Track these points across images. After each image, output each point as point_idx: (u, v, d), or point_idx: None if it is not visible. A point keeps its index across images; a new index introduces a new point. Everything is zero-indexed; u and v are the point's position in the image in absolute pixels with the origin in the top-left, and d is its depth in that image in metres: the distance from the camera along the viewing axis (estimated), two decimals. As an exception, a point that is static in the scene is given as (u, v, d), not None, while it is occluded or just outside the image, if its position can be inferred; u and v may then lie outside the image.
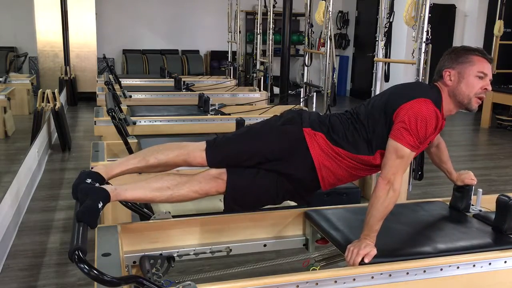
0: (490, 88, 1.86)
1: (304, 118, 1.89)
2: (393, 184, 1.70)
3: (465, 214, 2.11)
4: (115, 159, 2.87)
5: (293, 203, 2.27)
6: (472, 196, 2.16)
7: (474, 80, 1.84)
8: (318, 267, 1.85)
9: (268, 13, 6.60)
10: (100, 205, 1.61)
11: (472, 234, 1.92)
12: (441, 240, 1.84)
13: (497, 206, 1.92)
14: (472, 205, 2.15)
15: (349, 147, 1.83)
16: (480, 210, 2.13)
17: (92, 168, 1.99)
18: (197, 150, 1.89)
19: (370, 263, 1.63)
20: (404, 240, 1.86)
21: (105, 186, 1.73)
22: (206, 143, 1.91)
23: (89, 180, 1.78)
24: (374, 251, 1.65)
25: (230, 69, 7.96)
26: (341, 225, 1.94)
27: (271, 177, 1.85)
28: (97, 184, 1.73)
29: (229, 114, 4.29)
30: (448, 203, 2.22)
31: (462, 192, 2.15)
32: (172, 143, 1.99)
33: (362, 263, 1.63)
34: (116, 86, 5.10)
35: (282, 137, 1.86)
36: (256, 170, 1.86)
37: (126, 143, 2.97)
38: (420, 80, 3.58)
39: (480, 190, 2.18)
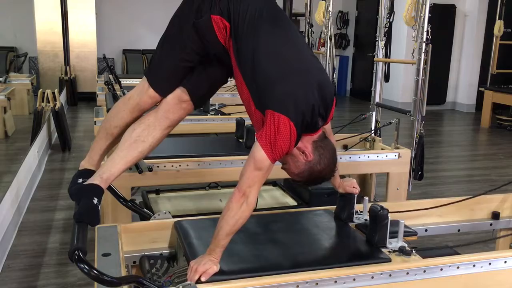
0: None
1: (214, 1, 1.71)
2: (248, 197, 1.56)
3: (347, 224, 1.95)
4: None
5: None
6: (361, 204, 2.03)
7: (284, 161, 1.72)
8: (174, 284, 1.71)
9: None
10: (95, 201, 1.60)
11: (342, 246, 1.81)
12: (303, 254, 1.71)
13: (369, 216, 1.77)
14: (361, 213, 2.00)
15: (235, 53, 1.71)
16: (366, 220, 1.95)
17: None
18: (144, 94, 1.84)
19: (208, 281, 1.48)
20: (263, 253, 1.69)
21: (92, 179, 1.71)
22: (147, 79, 1.84)
23: (80, 180, 1.78)
24: (214, 269, 1.50)
25: (230, 69, 7.95)
26: (199, 238, 1.76)
27: (216, 65, 1.83)
28: (88, 181, 1.72)
29: (229, 114, 4.29)
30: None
31: (344, 201, 1.97)
32: (118, 102, 1.95)
33: (199, 281, 1.48)
34: (116, 86, 5.08)
35: (199, 36, 1.75)
36: (202, 68, 1.83)
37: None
38: (420, 80, 3.58)
39: (366, 198, 2.02)
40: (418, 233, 1.99)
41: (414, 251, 1.71)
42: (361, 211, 2.02)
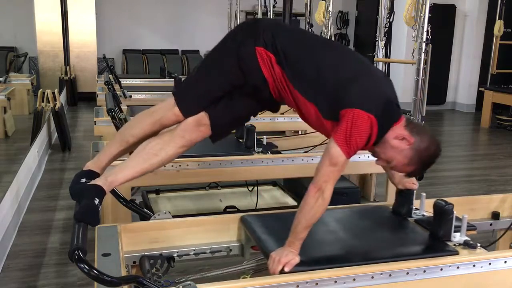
0: (377, 164, 1.81)
1: (258, 34, 1.79)
2: (323, 192, 1.63)
3: (406, 219, 2.02)
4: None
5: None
6: (417, 200, 2.08)
7: (387, 159, 1.75)
8: (249, 275, 1.79)
9: (268, 13, 6.60)
10: (96, 202, 1.60)
11: (407, 240, 1.86)
12: (373, 247, 1.78)
13: (434, 211, 1.84)
14: (417, 209, 2.06)
15: (293, 79, 1.76)
16: (423, 215, 2.03)
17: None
18: (169, 110, 1.86)
19: (291, 271, 1.56)
20: (335, 247, 1.78)
21: (96, 181, 1.72)
22: (174, 97, 1.87)
23: (83, 180, 1.78)
24: (296, 260, 1.59)
25: (230, 69, 7.94)
26: (272, 231, 1.85)
27: (245, 100, 1.87)
28: (91, 181, 1.73)
29: (229, 114, 4.28)
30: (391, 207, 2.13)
31: (404, 197, 2.05)
32: (141, 113, 1.97)
33: (282, 272, 1.56)
34: (116, 86, 5.09)
35: (240, 64, 1.80)
36: (229, 99, 1.86)
37: (126, 143, 2.97)
38: (420, 80, 3.59)
39: (424, 194, 2.08)
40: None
41: (479, 245, 1.76)
42: (417, 208, 2.07)
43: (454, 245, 1.77)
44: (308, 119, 1.84)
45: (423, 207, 2.06)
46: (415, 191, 2.04)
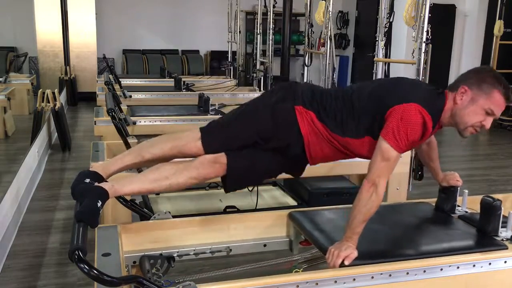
0: (488, 126, 1.80)
1: (296, 94, 1.88)
2: (377, 187, 1.69)
3: (450, 216, 2.08)
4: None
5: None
6: (459, 197, 2.13)
7: (480, 113, 1.79)
8: (301, 269, 1.83)
9: (268, 13, 6.61)
10: (99, 204, 1.60)
11: (456, 235, 1.90)
12: (424, 242, 1.84)
13: (481, 208, 1.90)
14: (458, 206, 2.12)
15: (337, 130, 1.84)
16: (466, 211, 2.09)
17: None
18: (192, 141, 1.89)
19: (350, 265, 1.61)
20: (387, 242, 1.84)
21: (102, 184, 1.73)
22: (201, 132, 1.91)
23: (87, 180, 1.78)
24: (355, 253, 1.64)
25: (230, 69, 7.97)
26: (323, 227, 1.92)
27: (269, 155, 1.89)
28: (95, 183, 1.73)
29: (229, 114, 4.28)
30: (434, 204, 2.19)
31: (447, 193, 2.11)
32: (166, 135, 1.99)
33: (342, 265, 1.61)
34: (116, 86, 5.09)
35: (275, 117, 1.86)
36: (253, 149, 1.88)
37: (126, 143, 2.97)
38: (420, 80, 3.59)
39: (466, 191, 2.13)
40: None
41: None
42: (458, 205, 2.12)
43: (502, 240, 1.83)
44: (368, 155, 1.86)
45: (465, 204, 2.12)
46: (459, 188, 2.10)
